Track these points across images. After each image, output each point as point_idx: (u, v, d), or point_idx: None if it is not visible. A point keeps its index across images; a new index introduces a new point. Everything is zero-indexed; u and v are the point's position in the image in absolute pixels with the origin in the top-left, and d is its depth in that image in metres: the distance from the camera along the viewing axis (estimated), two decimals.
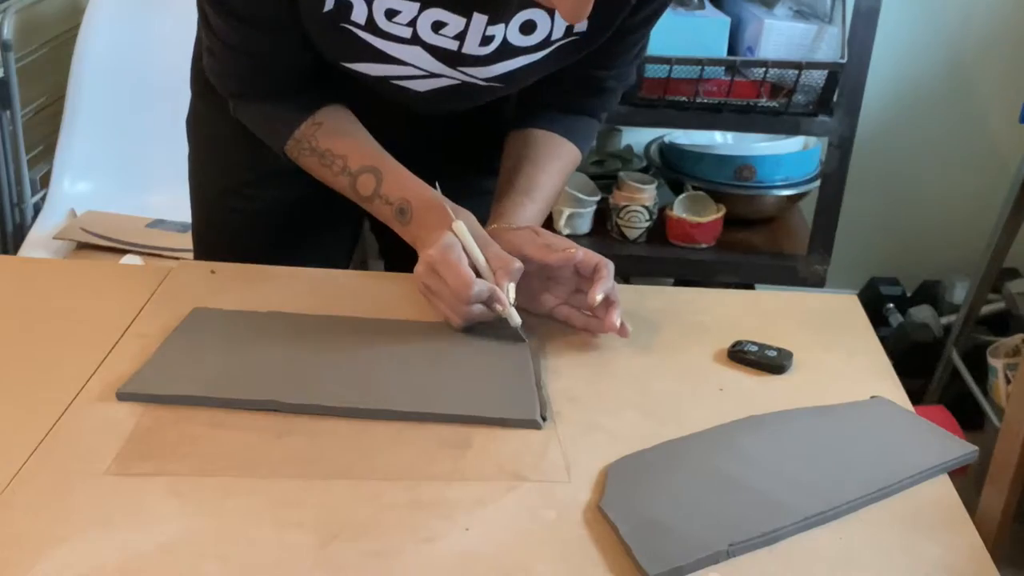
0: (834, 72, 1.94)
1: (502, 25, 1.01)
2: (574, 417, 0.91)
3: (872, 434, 0.90)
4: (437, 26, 1.00)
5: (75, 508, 0.77)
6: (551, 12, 1.01)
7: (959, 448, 0.88)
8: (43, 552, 0.73)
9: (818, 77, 1.95)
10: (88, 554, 0.73)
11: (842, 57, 1.93)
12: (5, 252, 2.15)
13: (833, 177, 2.06)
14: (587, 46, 1.07)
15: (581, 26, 1.03)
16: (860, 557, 0.76)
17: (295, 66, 1.07)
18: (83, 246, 2.03)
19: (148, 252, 1.98)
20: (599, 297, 0.98)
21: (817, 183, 2.16)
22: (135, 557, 0.73)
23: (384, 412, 0.89)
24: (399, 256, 1.18)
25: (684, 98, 1.99)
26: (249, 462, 0.83)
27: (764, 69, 1.93)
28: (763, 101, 1.99)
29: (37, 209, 2.18)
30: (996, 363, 2.08)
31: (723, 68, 1.98)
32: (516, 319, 0.98)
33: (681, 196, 2.20)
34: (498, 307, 0.97)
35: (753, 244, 2.21)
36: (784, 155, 2.19)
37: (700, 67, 1.93)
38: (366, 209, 1.09)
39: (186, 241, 2.03)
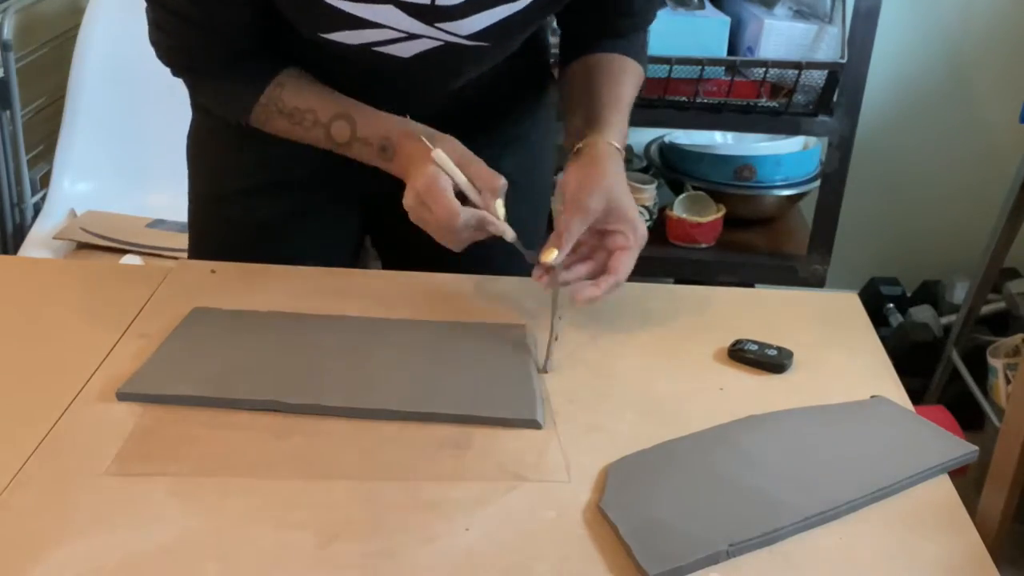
0: (834, 72, 1.94)
1: None
2: (574, 417, 0.91)
3: (872, 434, 0.90)
4: None
5: (75, 508, 0.77)
6: None
7: (959, 448, 0.88)
8: (43, 552, 0.73)
9: (818, 77, 1.95)
10: (88, 554, 0.73)
11: (842, 57, 1.93)
12: (5, 252, 2.15)
13: (833, 177, 2.06)
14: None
15: None
16: (860, 557, 0.76)
17: (249, 32, 1.05)
18: (83, 246, 2.03)
19: (148, 252, 1.98)
20: (580, 299, 0.98)
21: (817, 183, 2.16)
22: (135, 557, 0.73)
23: (384, 412, 0.89)
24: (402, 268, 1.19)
25: (684, 98, 1.99)
26: (249, 462, 0.83)
27: (764, 69, 1.93)
28: (763, 101, 1.99)
29: (37, 209, 2.18)
30: (996, 363, 2.08)
31: (723, 68, 1.98)
32: (510, 233, 0.99)
33: (681, 196, 2.20)
34: (490, 228, 0.98)
35: (753, 244, 2.21)
36: (784, 155, 2.19)
37: (700, 67, 1.93)
38: (347, 155, 1.07)
39: (186, 241, 2.04)
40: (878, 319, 2.39)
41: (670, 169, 2.26)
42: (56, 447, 0.84)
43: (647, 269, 1.25)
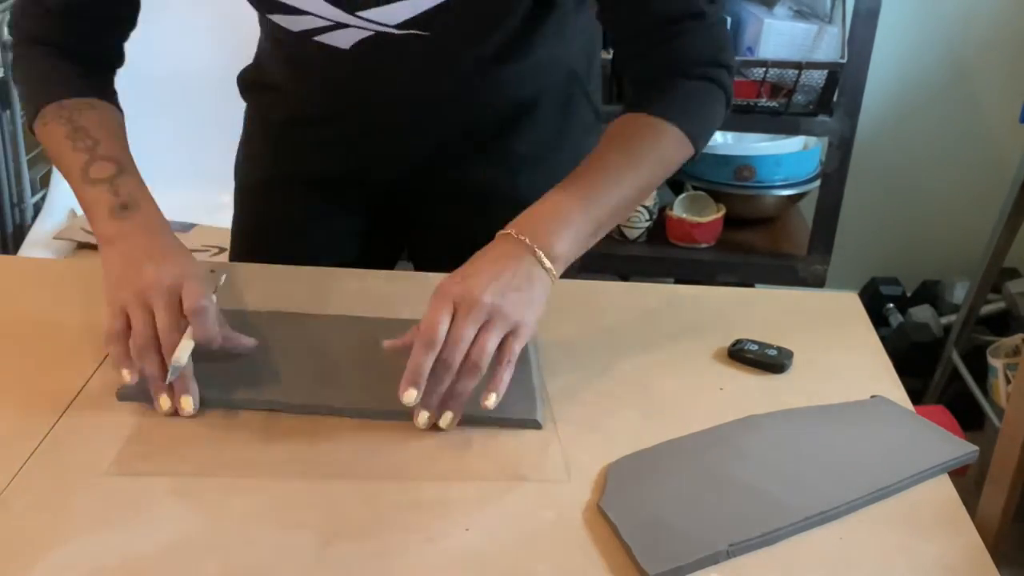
0: (834, 72, 1.94)
1: None
2: (574, 417, 0.91)
3: (872, 434, 0.90)
4: None
5: (75, 508, 0.77)
6: None
7: (959, 448, 0.88)
8: (43, 552, 0.73)
9: (818, 77, 1.95)
10: (88, 554, 0.73)
11: (842, 57, 1.93)
12: (5, 252, 2.15)
13: (833, 177, 2.06)
14: None
15: None
16: (860, 557, 0.76)
17: (107, 37, 1.06)
18: (83, 246, 2.03)
19: None
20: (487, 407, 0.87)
21: (817, 183, 2.16)
22: (135, 557, 0.73)
23: (386, 413, 0.88)
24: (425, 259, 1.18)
25: None
26: (249, 462, 0.83)
27: (764, 69, 1.93)
28: (763, 101, 1.99)
29: (37, 209, 2.18)
30: (996, 363, 2.08)
31: None
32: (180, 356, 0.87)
33: (681, 196, 2.20)
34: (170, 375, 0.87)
35: (753, 244, 2.21)
36: (784, 155, 2.19)
37: None
38: (73, 188, 0.99)
39: (186, 241, 2.03)
40: (878, 319, 2.39)
41: None
42: (56, 447, 0.84)
43: (647, 269, 1.25)
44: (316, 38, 1.03)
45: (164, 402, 0.87)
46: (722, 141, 2.33)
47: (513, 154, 1.18)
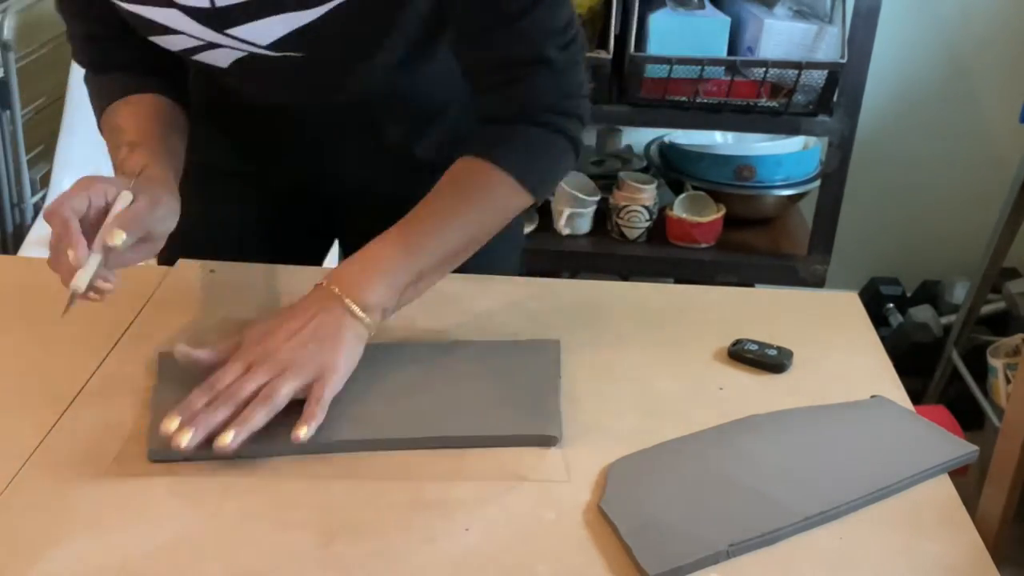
0: (834, 72, 1.94)
1: None
2: (574, 417, 0.90)
3: (872, 434, 0.90)
4: None
5: (75, 508, 0.77)
6: None
7: (959, 448, 0.88)
8: (43, 552, 0.73)
9: (818, 77, 1.95)
10: (88, 554, 0.73)
11: (842, 57, 1.93)
12: (5, 252, 2.15)
13: (833, 177, 2.06)
14: (364, 9, 0.92)
15: None
16: (860, 557, 0.76)
17: (123, 43, 1.04)
18: None
19: None
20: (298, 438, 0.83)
21: (817, 183, 2.16)
22: (135, 557, 0.73)
23: (403, 442, 0.86)
24: None
25: (684, 98, 1.99)
26: (249, 462, 0.83)
27: (764, 69, 1.93)
28: (763, 101, 1.99)
29: (37, 209, 2.18)
30: (996, 363, 2.08)
31: (723, 68, 1.98)
32: (77, 283, 0.84)
33: (681, 196, 2.20)
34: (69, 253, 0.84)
35: (753, 244, 2.21)
36: (784, 155, 2.20)
37: (700, 67, 1.93)
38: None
39: None
40: (878, 319, 2.39)
41: (670, 169, 2.27)
42: (56, 447, 0.84)
43: (647, 269, 1.25)
44: (194, 57, 1.00)
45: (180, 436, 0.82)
46: (722, 141, 2.33)
47: (419, 162, 1.15)
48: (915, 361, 2.25)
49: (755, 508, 0.79)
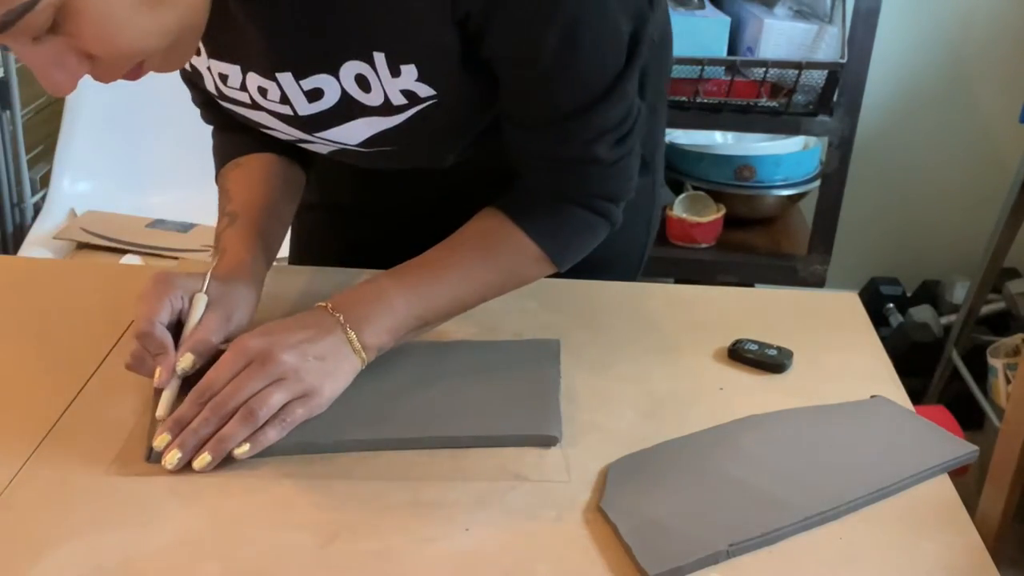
0: (834, 72, 1.94)
1: (326, 76, 0.87)
2: (574, 417, 0.90)
3: (872, 434, 0.90)
4: (262, 91, 0.91)
5: (75, 508, 0.77)
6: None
7: (959, 448, 0.88)
8: (43, 552, 0.73)
9: (818, 77, 1.95)
10: (88, 554, 0.73)
11: (842, 57, 1.93)
12: (5, 252, 2.15)
13: (833, 177, 2.06)
14: (451, 110, 0.89)
15: (427, 91, 0.87)
16: (860, 557, 0.76)
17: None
18: (83, 246, 2.03)
19: (148, 252, 1.98)
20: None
21: (817, 183, 2.16)
22: (135, 557, 0.73)
23: (403, 442, 0.86)
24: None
25: (684, 98, 1.99)
26: (249, 462, 0.83)
27: (764, 69, 1.93)
28: (763, 101, 1.99)
29: (37, 209, 2.18)
30: (996, 363, 2.08)
31: (723, 68, 1.98)
32: (161, 412, 0.85)
33: (681, 196, 2.20)
34: (158, 375, 0.86)
35: (753, 244, 2.21)
36: (784, 155, 2.20)
37: (700, 67, 1.93)
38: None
39: (186, 241, 2.04)
40: (878, 319, 2.39)
41: (670, 169, 2.26)
42: (56, 447, 0.84)
43: (647, 269, 1.24)
44: (302, 145, 1.00)
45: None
46: (722, 141, 2.33)
47: None
48: (915, 361, 2.25)
49: (755, 508, 0.79)
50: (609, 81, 0.86)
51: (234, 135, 1.07)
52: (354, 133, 0.92)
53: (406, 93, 0.87)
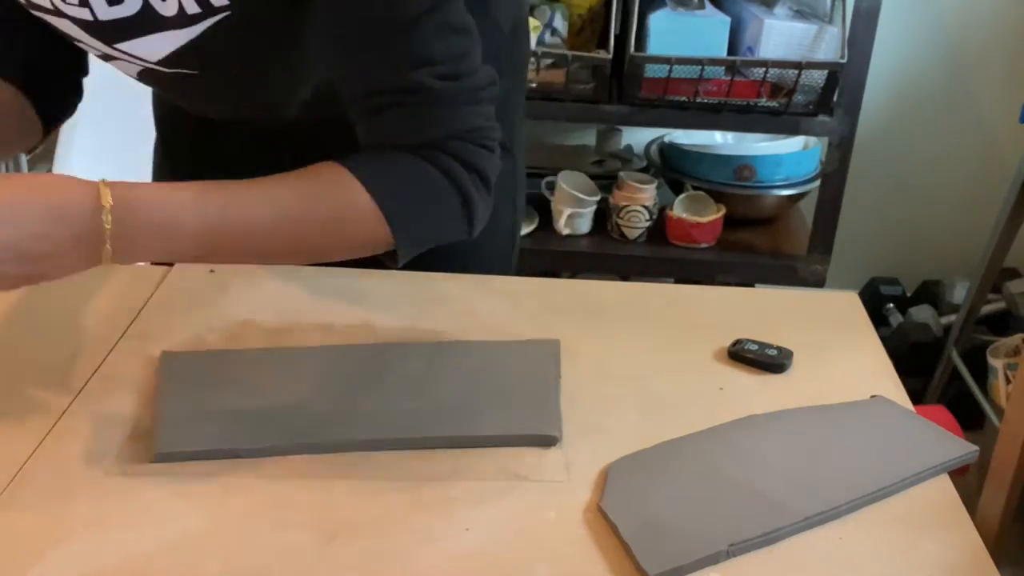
0: (834, 72, 1.94)
1: None
2: (574, 417, 0.90)
3: (872, 434, 0.90)
4: None
5: (75, 508, 0.77)
6: None
7: (959, 448, 0.88)
8: (43, 552, 0.73)
9: (818, 77, 1.95)
10: (88, 554, 0.73)
11: (842, 57, 1.93)
12: None
13: (833, 177, 2.06)
14: (247, 30, 0.88)
15: None
16: (860, 557, 0.76)
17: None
18: None
19: None
20: None
21: (817, 183, 2.16)
22: (135, 557, 0.73)
23: (403, 442, 0.86)
24: None
25: (684, 98, 1.99)
26: (249, 462, 0.83)
27: (764, 69, 1.93)
28: (763, 101, 1.99)
29: None
30: (996, 363, 2.08)
31: (723, 68, 1.98)
32: None
33: (681, 196, 2.20)
34: None
35: (753, 244, 2.21)
36: (784, 155, 2.20)
37: (700, 67, 1.93)
38: None
39: None
40: (878, 319, 2.39)
41: (670, 169, 2.27)
42: (56, 447, 0.84)
43: (647, 269, 1.25)
44: (109, 63, 0.98)
45: None
46: (722, 141, 2.33)
47: None
48: (915, 361, 2.25)
49: (755, 508, 0.79)
50: (422, 9, 0.84)
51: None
52: (154, 48, 0.90)
53: (200, 0, 0.85)
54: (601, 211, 2.19)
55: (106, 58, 0.97)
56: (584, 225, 2.19)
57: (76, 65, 1.10)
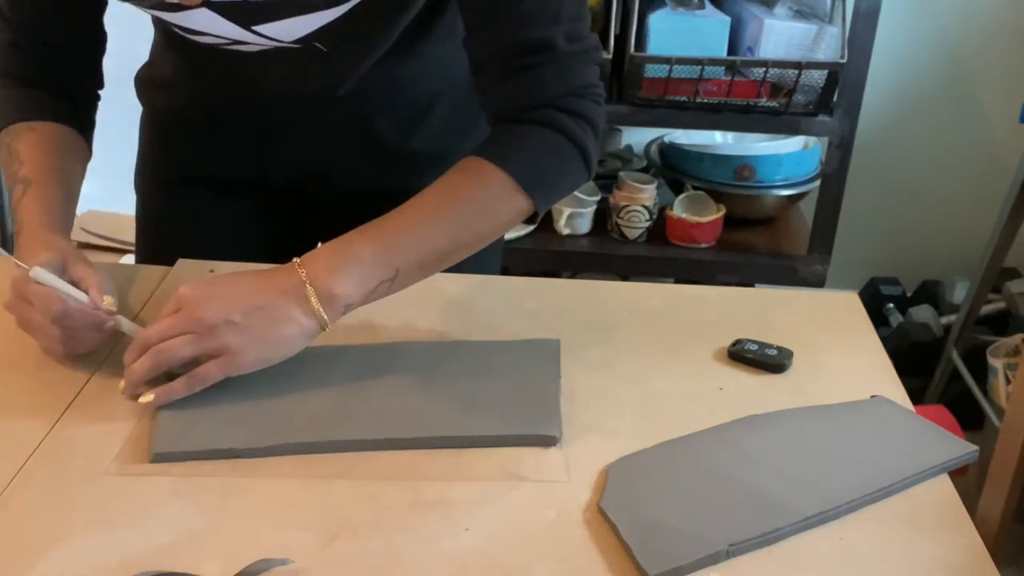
0: (834, 72, 1.94)
1: None
2: (574, 417, 0.90)
3: (872, 434, 0.90)
4: None
5: (75, 508, 0.77)
6: None
7: (959, 448, 0.88)
8: (43, 552, 0.73)
9: (818, 77, 1.95)
10: (88, 554, 0.73)
11: (842, 57, 1.93)
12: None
13: (833, 177, 2.06)
14: (393, 7, 0.97)
15: None
16: (860, 557, 0.76)
17: (45, 61, 1.06)
18: (83, 246, 2.04)
19: None
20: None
21: (817, 183, 2.16)
22: (135, 557, 0.73)
23: (403, 442, 0.86)
24: None
25: (684, 98, 1.99)
26: (249, 462, 0.83)
27: (764, 69, 1.93)
28: (763, 101, 1.99)
29: None
30: (996, 363, 2.08)
31: (723, 68, 1.98)
32: (125, 325, 0.94)
33: (681, 196, 2.21)
34: (107, 322, 0.92)
35: (753, 244, 2.21)
36: (784, 155, 2.20)
37: (700, 67, 1.93)
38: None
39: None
40: (878, 319, 2.39)
41: (670, 169, 2.27)
42: (56, 447, 0.84)
43: (647, 269, 1.26)
44: (226, 48, 1.02)
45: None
46: (722, 141, 2.33)
47: (412, 154, 1.17)
48: (915, 361, 2.25)
49: (755, 508, 0.79)
50: None
51: (32, 92, 1.07)
52: (293, 29, 0.95)
53: None
54: (601, 211, 2.20)
55: (231, 42, 0.99)
56: (584, 225, 2.19)
57: (96, 77, 1.13)
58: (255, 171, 1.20)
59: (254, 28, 0.96)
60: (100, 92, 1.14)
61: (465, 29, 0.96)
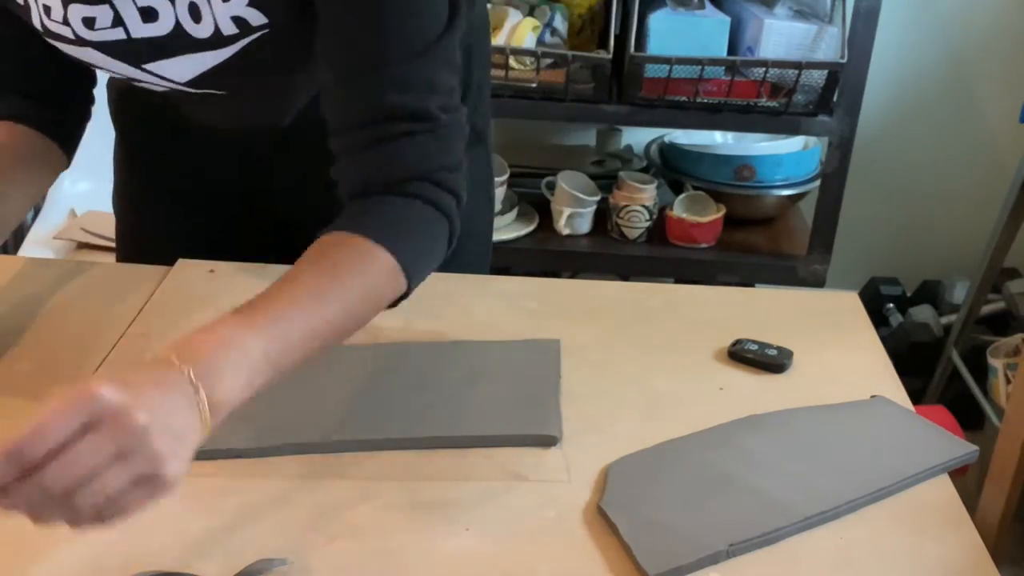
0: (834, 72, 1.94)
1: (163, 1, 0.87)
2: (574, 417, 0.91)
3: (872, 434, 0.90)
4: (87, 22, 0.88)
5: None
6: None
7: (959, 448, 0.88)
8: (43, 552, 0.73)
9: (818, 77, 1.95)
10: (88, 554, 0.73)
11: (842, 57, 1.93)
12: (5, 252, 2.14)
13: (833, 177, 2.06)
14: (281, 45, 0.89)
15: (259, 17, 0.86)
16: (860, 557, 0.76)
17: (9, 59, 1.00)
18: (83, 246, 2.03)
19: None
20: None
21: (817, 183, 2.16)
22: (135, 557, 0.73)
23: (403, 442, 0.86)
24: None
25: (684, 98, 1.99)
26: (249, 462, 0.83)
27: (764, 69, 1.93)
28: (763, 101, 1.99)
29: (37, 209, 2.18)
30: (996, 363, 2.08)
31: (723, 68, 1.98)
32: None
33: (681, 196, 2.20)
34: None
35: (753, 244, 2.21)
36: (784, 155, 2.19)
37: (700, 67, 1.93)
38: None
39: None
40: (878, 319, 2.39)
41: (670, 169, 2.27)
42: None
43: (647, 269, 1.25)
44: (138, 85, 0.98)
45: None
46: (722, 141, 2.33)
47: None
48: (915, 361, 2.25)
49: (755, 508, 0.79)
50: (433, 37, 0.86)
51: None
52: (184, 69, 0.91)
53: (237, 20, 0.86)
54: (601, 211, 2.19)
55: (131, 79, 0.97)
56: (584, 225, 2.19)
57: (84, 81, 1.09)
58: (224, 190, 1.19)
59: (144, 67, 0.92)
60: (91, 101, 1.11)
61: (326, 85, 0.88)
